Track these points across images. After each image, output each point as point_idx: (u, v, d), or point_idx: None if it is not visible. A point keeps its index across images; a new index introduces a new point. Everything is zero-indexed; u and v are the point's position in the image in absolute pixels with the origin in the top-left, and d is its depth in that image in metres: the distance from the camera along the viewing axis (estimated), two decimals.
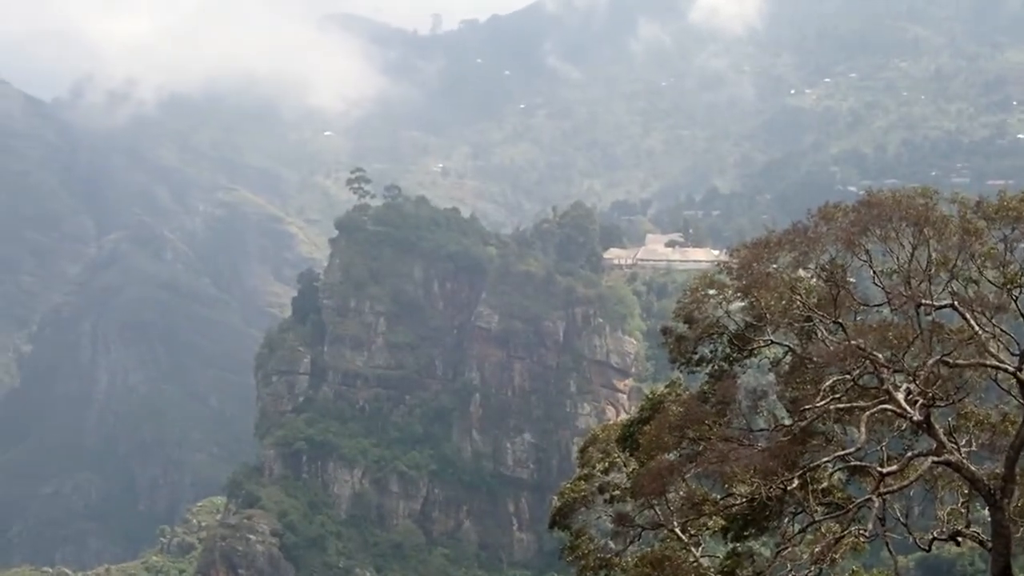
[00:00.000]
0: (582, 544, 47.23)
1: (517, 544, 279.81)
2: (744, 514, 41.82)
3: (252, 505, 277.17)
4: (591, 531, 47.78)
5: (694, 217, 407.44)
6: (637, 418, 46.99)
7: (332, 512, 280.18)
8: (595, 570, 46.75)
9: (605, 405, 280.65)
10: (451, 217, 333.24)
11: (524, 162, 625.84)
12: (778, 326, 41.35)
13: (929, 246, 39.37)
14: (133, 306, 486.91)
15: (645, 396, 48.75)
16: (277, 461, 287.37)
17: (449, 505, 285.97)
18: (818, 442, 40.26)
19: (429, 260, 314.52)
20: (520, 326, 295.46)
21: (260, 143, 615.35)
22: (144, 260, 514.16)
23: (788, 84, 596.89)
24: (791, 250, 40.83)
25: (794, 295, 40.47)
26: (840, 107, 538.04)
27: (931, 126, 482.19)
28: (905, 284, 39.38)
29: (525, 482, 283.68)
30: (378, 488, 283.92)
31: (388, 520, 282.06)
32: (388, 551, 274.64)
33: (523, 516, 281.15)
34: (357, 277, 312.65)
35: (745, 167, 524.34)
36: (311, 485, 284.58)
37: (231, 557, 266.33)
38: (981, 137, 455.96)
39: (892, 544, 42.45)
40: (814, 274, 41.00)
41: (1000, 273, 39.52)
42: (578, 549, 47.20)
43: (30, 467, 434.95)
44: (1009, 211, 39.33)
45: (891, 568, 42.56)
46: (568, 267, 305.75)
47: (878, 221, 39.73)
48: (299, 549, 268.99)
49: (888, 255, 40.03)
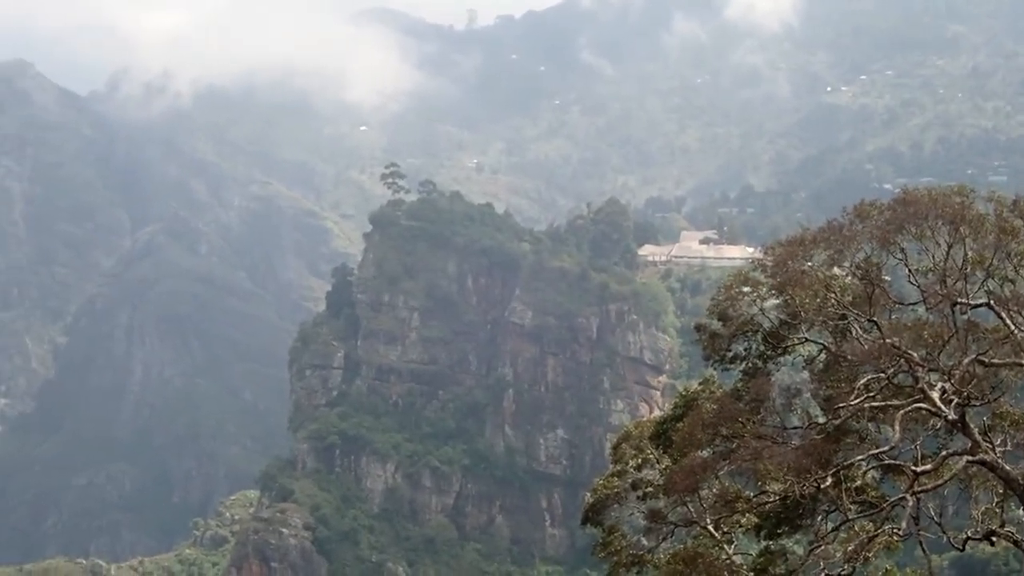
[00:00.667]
0: (615, 540, 47.23)
1: (549, 540, 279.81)
2: (777, 512, 41.81)
3: (285, 499, 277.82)
4: (624, 527, 47.79)
5: (728, 214, 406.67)
6: (671, 415, 47.00)
7: (365, 506, 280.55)
8: (627, 566, 46.76)
9: (639, 402, 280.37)
10: (485, 212, 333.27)
11: (558, 158, 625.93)
12: (812, 324, 41.34)
13: (965, 245, 39.30)
14: (168, 299, 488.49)
15: (679, 393, 48.79)
16: (310, 455, 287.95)
17: (482, 500, 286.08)
18: (852, 440, 40.24)
19: (463, 255, 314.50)
20: (554, 322, 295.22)
21: (295, 137, 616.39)
22: (179, 253, 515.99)
23: (824, 81, 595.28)
24: (826, 248, 40.80)
25: (829, 293, 40.44)
26: (876, 104, 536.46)
27: (968, 124, 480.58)
28: (941, 283, 39.33)
29: (558, 478, 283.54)
30: (411, 483, 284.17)
31: (421, 515, 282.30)
32: (420, 545, 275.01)
33: (556, 512, 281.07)
34: (391, 272, 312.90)
35: (780, 164, 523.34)
36: (344, 479, 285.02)
37: (264, 550, 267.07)
38: (1019, 135, 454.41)
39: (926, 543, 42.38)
40: (849, 272, 40.95)
41: None
42: (611, 545, 47.21)
43: (64, 458, 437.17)
44: None
45: (924, 567, 42.47)
46: (602, 263, 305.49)
47: (914, 219, 39.67)
48: (332, 543, 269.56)
49: (924, 253, 39.99)
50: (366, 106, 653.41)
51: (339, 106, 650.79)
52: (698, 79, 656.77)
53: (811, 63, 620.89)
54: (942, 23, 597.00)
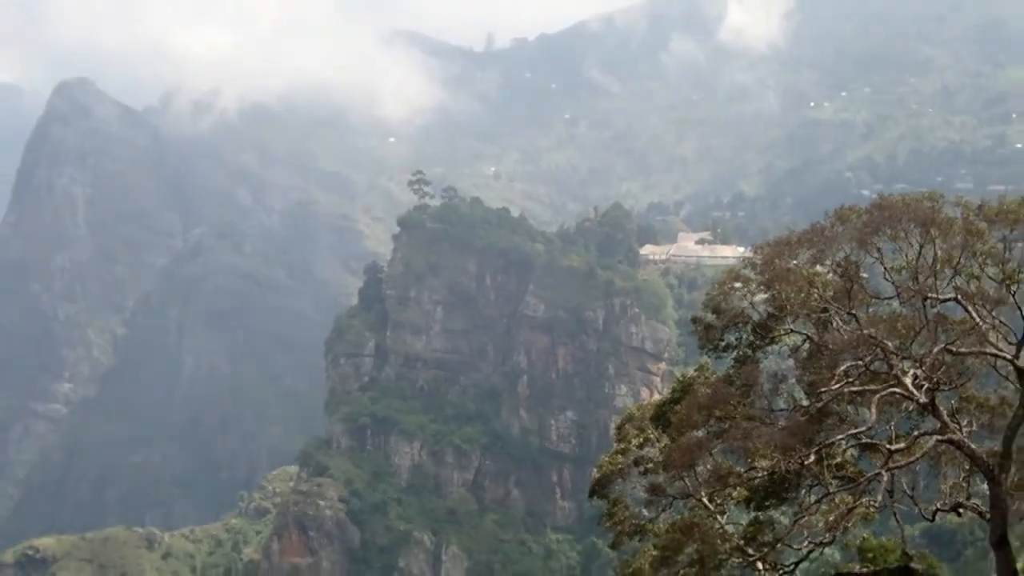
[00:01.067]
0: (618, 511, 47.29)
1: (560, 511, 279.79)
2: (765, 486, 41.88)
3: (321, 474, 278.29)
4: (627, 500, 47.83)
5: (722, 218, 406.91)
6: (669, 398, 47.07)
7: (393, 481, 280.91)
8: (630, 535, 46.83)
9: (640, 386, 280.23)
10: (502, 216, 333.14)
11: (568, 167, 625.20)
12: (797, 316, 41.37)
13: (935, 245, 39.33)
14: (215, 294, 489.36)
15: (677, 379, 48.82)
16: (344, 434, 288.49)
17: (499, 475, 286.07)
18: (833, 421, 40.26)
19: (482, 255, 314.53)
20: (564, 315, 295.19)
21: (331, 148, 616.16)
22: (225, 253, 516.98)
23: (808, 98, 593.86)
24: (810, 248, 40.82)
25: (812, 288, 40.46)
26: (855, 119, 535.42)
27: (937, 136, 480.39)
28: (913, 279, 39.38)
29: (567, 456, 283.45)
30: (435, 460, 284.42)
31: (444, 488, 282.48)
32: (443, 516, 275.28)
33: (565, 486, 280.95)
34: (417, 270, 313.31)
35: (768, 173, 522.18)
36: (375, 456, 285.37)
37: (302, 521, 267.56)
38: (983, 147, 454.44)
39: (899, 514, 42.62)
40: (830, 270, 40.97)
41: (1000, 270, 39.47)
42: (615, 516, 47.27)
43: (123, 438, 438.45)
44: (1008, 214, 39.27)
45: (898, 536, 42.51)
46: (607, 262, 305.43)
47: (889, 222, 39.71)
48: (363, 514, 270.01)
49: (898, 253, 40.02)
50: (395, 120, 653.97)
51: (370, 120, 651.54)
52: (694, 96, 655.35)
53: (796, 81, 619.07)
54: (915, 46, 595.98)
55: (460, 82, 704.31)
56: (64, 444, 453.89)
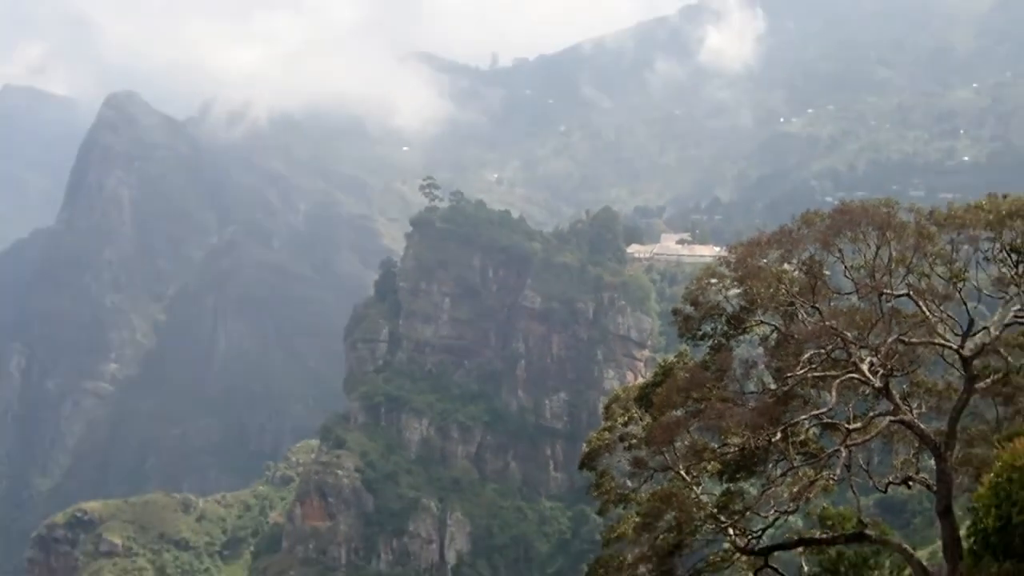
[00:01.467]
0: (605, 482, 47.26)
1: (553, 481, 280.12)
2: (736, 460, 41.86)
3: (340, 446, 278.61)
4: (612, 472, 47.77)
5: (700, 220, 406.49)
6: (651, 382, 47.01)
7: (404, 453, 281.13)
8: (615, 503, 46.81)
9: (626, 371, 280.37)
10: (503, 218, 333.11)
11: (563, 174, 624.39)
12: (766, 309, 41.39)
13: (890, 246, 39.37)
14: (246, 285, 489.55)
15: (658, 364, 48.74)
16: (360, 412, 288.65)
17: (498, 449, 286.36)
18: (797, 403, 40.28)
19: (485, 252, 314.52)
20: (558, 306, 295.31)
21: (350, 155, 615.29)
22: (255, 248, 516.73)
23: (778, 114, 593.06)
24: (778, 248, 40.84)
25: (780, 284, 40.47)
26: (820, 133, 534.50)
27: (893, 149, 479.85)
28: (870, 277, 39.41)
29: (560, 432, 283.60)
30: (441, 435, 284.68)
31: (449, 460, 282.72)
32: (449, 485, 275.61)
33: (558, 459, 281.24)
34: (427, 265, 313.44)
35: (742, 181, 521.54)
36: (387, 431, 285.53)
37: (323, 488, 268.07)
38: (934, 159, 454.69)
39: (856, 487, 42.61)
40: (796, 268, 40.98)
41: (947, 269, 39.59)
42: (602, 486, 47.23)
43: (163, 413, 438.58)
44: (956, 219, 39.39)
45: (855, 506, 42.56)
46: (597, 259, 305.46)
47: (849, 225, 39.75)
48: (377, 482, 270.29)
49: (857, 253, 40.07)
50: (408, 130, 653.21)
51: (386, 130, 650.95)
52: (677, 111, 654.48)
53: (768, 99, 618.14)
54: (874, 68, 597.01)
55: (467, 97, 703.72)
56: (110, 418, 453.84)
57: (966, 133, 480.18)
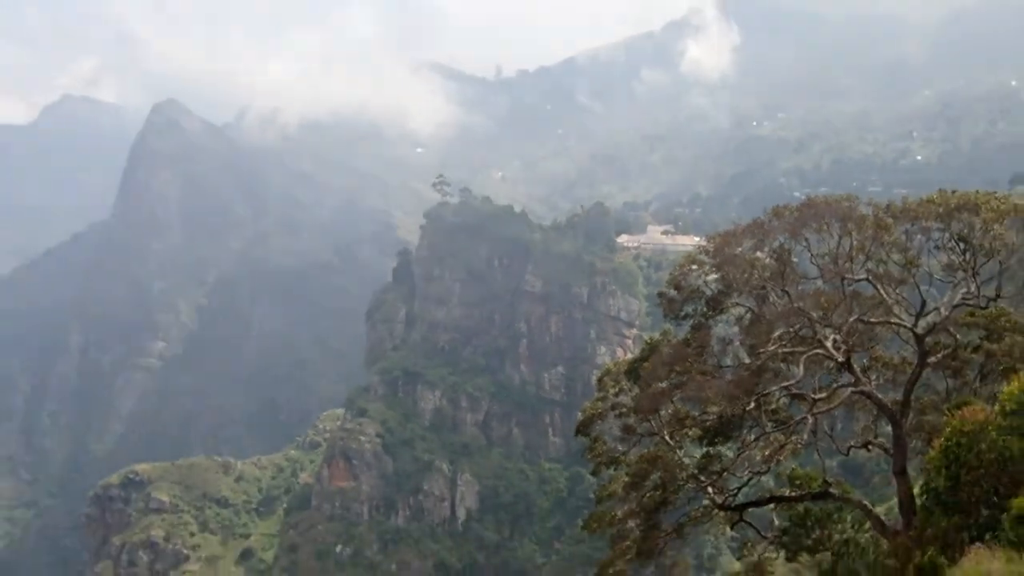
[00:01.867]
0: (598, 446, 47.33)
1: (551, 446, 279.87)
2: (715, 427, 41.96)
3: (362, 415, 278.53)
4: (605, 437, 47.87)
5: (682, 213, 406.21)
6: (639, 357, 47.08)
7: (419, 421, 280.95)
8: (607, 465, 46.89)
9: (616, 348, 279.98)
10: (507, 212, 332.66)
11: (560, 173, 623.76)
12: (741, 292, 41.46)
13: (851, 236, 39.41)
14: (278, 274, 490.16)
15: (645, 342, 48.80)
16: (380, 384, 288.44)
17: (503, 417, 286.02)
18: (769, 376, 40.36)
19: (491, 242, 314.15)
20: (556, 290, 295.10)
21: (371, 156, 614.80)
22: (287, 240, 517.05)
23: (752, 118, 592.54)
24: (751, 238, 40.88)
25: (753, 270, 40.52)
26: (789, 135, 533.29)
27: (855, 150, 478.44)
28: (833, 263, 39.44)
29: (558, 402, 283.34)
30: (452, 404, 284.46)
31: (459, 427, 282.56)
32: (459, 449, 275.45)
33: (556, 426, 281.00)
34: (440, 253, 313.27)
35: (719, 178, 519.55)
36: (404, 402, 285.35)
37: (347, 452, 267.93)
38: (891, 158, 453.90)
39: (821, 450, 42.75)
40: (768, 255, 41.03)
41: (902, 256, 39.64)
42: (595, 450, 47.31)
43: (204, 387, 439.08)
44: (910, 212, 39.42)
45: (820, 467, 42.66)
46: (591, 248, 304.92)
47: (815, 218, 39.79)
48: (395, 447, 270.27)
49: (821, 242, 40.11)
50: (422, 134, 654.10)
51: (403, 133, 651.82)
52: (661, 116, 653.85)
53: (742, 105, 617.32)
54: (838, 77, 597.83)
55: (474, 104, 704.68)
56: (158, 390, 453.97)
57: (920, 135, 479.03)
